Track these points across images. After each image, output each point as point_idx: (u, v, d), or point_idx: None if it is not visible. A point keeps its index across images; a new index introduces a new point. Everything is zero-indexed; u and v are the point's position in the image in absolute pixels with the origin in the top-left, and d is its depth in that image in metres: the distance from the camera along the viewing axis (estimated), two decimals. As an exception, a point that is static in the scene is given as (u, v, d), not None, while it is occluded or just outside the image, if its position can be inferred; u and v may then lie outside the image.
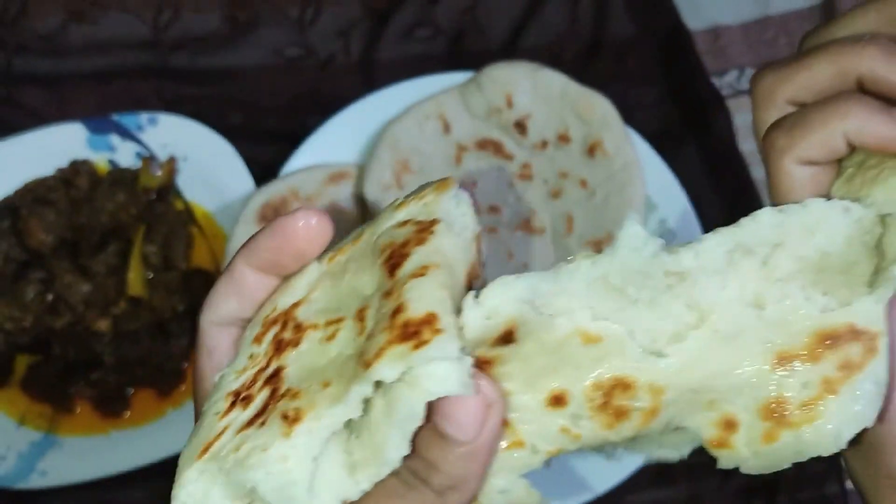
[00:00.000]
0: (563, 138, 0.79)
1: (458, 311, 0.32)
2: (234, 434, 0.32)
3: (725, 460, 0.33)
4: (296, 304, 0.35)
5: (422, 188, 0.36)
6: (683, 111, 0.87)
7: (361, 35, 0.86)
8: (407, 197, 0.36)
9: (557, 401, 0.33)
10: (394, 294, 0.31)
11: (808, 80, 0.34)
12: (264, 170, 0.81)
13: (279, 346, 0.34)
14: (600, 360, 0.33)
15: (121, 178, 0.77)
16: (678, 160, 0.81)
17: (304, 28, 0.86)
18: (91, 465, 0.72)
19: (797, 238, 0.33)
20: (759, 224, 0.33)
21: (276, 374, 0.33)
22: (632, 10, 0.89)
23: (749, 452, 0.33)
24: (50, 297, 0.74)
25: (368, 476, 0.32)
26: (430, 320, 0.30)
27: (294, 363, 0.33)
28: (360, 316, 0.33)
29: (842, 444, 0.32)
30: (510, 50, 0.87)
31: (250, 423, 0.32)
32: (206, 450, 0.32)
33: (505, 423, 0.33)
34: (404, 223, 0.34)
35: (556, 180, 0.79)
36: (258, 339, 0.35)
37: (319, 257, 0.35)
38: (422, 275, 0.31)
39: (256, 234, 0.34)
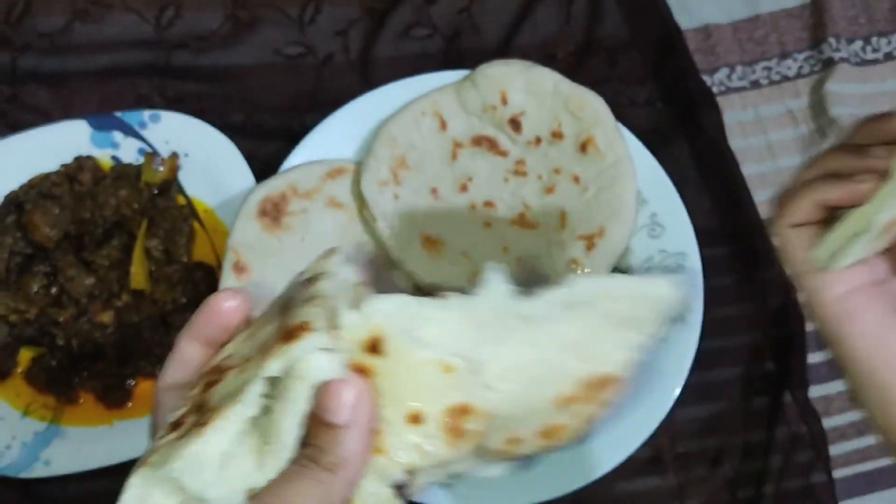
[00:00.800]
0: (556, 135, 0.81)
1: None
2: (166, 446, 0.39)
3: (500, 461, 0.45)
4: (224, 360, 0.43)
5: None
6: (674, 109, 0.89)
7: (360, 34, 0.88)
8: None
9: (415, 419, 0.40)
10: (284, 324, 0.40)
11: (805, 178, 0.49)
12: (265, 166, 0.82)
13: (206, 387, 0.41)
14: (453, 388, 0.40)
15: (124, 173, 0.78)
16: (669, 157, 0.82)
17: (303, 27, 0.88)
18: (94, 455, 0.74)
19: (608, 298, 0.44)
20: (586, 285, 0.44)
21: (203, 403, 0.40)
22: (624, 10, 0.91)
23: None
24: (54, 290, 0.75)
25: (273, 466, 0.39)
26: (304, 326, 0.39)
27: (216, 394, 0.41)
28: (263, 350, 0.40)
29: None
30: (505, 49, 0.89)
31: (179, 438, 0.39)
32: (144, 462, 0.39)
33: (374, 432, 0.40)
34: (299, 283, 0.44)
35: (550, 176, 0.81)
36: (193, 387, 0.43)
37: (247, 326, 0.45)
38: (305, 304, 0.40)
39: (194, 314, 0.45)
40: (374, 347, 0.40)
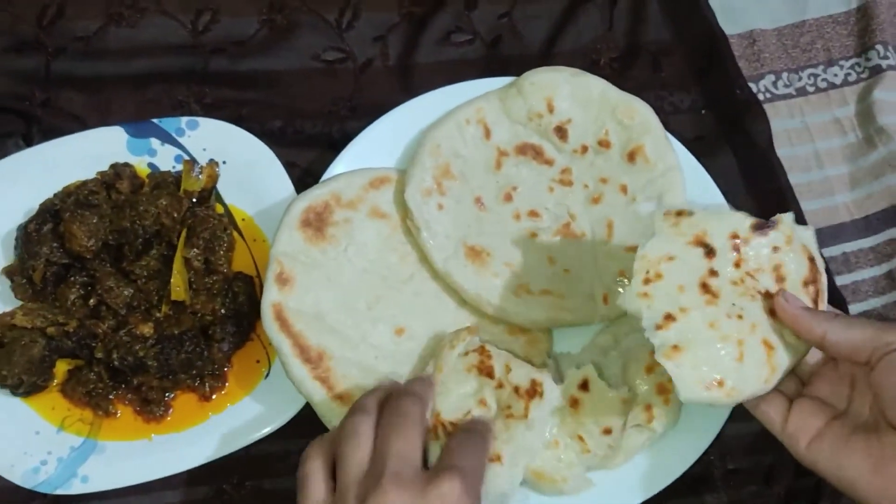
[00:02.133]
0: (604, 143, 0.79)
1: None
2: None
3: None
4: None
5: None
6: (720, 116, 0.87)
7: (399, 39, 0.86)
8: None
9: (607, 431, 0.70)
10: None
11: None
12: (303, 173, 0.81)
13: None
14: (624, 411, 0.72)
15: (163, 181, 0.76)
16: (714, 165, 0.81)
17: (342, 32, 0.86)
18: (133, 471, 0.72)
19: None
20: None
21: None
22: (668, 16, 0.89)
23: None
24: (92, 301, 0.73)
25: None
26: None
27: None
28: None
29: None
30: (546, 55, 0.88)
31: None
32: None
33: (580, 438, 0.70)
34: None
35: (596, 185, 0.79)
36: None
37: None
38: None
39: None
40: (584, 385, 0.70)
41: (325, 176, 0.76)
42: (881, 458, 0.56)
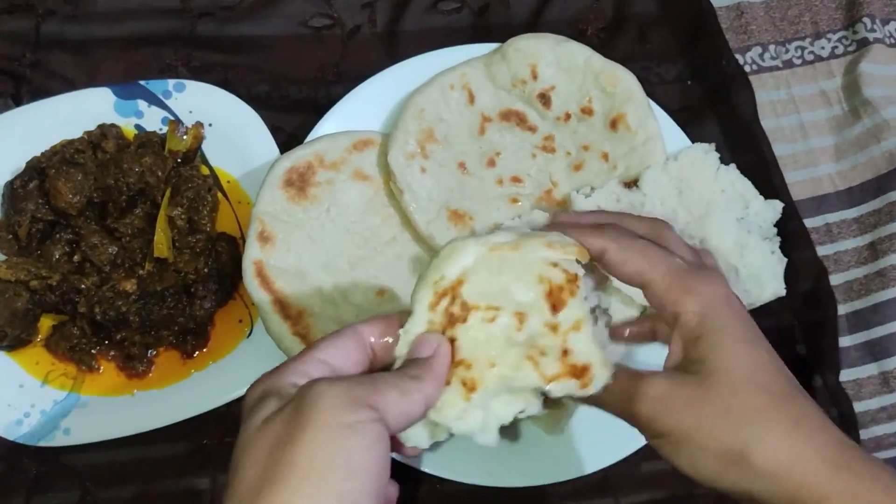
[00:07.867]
0: (586, 111, 0.79)
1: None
2: None
3: None
4: (460, 281, 0.50)
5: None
6: (705, 87, 0.87)
7: (387, 6, 0.87)
8: (554, 239, 0.51)
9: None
10: (559, 334, 0.49)
11: None
12: (289, 138, 0.81)
13: (451, 319, 0.49)
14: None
15: (148, 141, 0.77)
16: (699, 135, 0.81)
17: (330, -2, 0.86)
18: (114, 425, 0.73)
19: None
20: None
21: (452, 343, 0.49)
22: (655, -14, 0.89)
23: None
24: (76, 257, 0.74)
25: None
26: (587, 368, 0.49)
27: (464, 336, 0.49)
28: (520, 318, 0.49)
29: None
30: (534, 24, 0.88)
31: None
32: None
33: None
34: (555, 264, 0.50)
35: (579, 153, 0.79)
36: (433, 307, 0.50)
37: (476, 239, 0.51)
38: (577, 329, 0.49)
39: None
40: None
41: (310, 138, 0.77)
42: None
